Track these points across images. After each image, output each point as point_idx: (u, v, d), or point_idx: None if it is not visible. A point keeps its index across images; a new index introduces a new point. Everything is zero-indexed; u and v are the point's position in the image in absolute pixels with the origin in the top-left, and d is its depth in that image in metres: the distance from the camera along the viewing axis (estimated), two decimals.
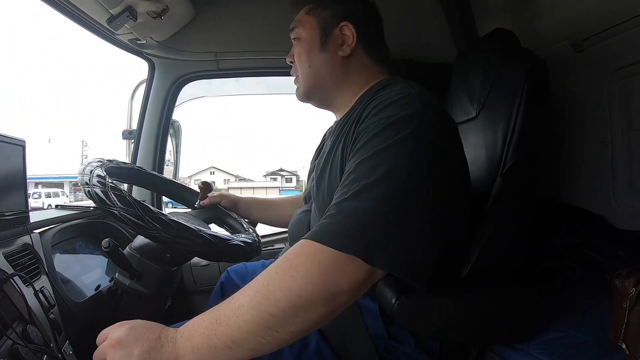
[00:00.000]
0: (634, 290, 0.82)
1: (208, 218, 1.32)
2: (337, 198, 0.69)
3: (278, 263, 0.64)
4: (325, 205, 0.76)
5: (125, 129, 1.73)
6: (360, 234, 0.63)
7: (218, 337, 0.61)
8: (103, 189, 0.92)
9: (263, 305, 0.60)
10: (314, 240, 0.64)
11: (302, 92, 0.98)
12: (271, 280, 0.62)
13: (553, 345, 0.88)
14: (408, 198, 0.67)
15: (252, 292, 0.63)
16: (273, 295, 0.61)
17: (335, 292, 0.61)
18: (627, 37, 1.18)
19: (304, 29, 0.94)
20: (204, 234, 0.96)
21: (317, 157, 1.09)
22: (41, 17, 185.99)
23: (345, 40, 0.91)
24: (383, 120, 0.72)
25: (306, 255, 0.63)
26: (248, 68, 1.76)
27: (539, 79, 0.93)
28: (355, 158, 0.72)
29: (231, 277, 1.25)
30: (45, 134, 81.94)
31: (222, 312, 0.63)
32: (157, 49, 1.59)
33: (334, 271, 0.61)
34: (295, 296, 0.60)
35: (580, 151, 1.43)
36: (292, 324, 0.61)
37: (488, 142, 0.99)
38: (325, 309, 0.62)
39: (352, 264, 0.62)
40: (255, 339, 0.61)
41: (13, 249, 0.94)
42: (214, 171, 45.59)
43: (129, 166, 1.25)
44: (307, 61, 0.94)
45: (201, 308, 1.76)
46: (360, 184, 0.67)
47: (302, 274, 0.61)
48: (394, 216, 0.65)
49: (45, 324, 0.87)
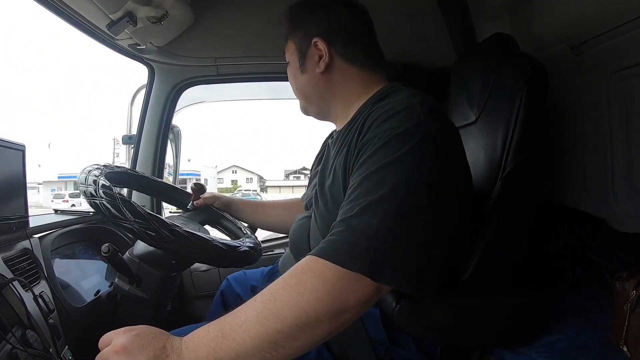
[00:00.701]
0: (634, 293, 0.82)
1: (203, 220, 1.32)
2: (343, 214, 0.69)
3: (285, 279, 0.64)
4: (328, 214, 0.77)
5: (125, 134, 1.74)
6: (367, 251, 0.63)
7: (223, 350, 0.61)
8: (112, 202, 0.90)
9: (270, 321, 0.61)
10: (320, 257, 0.64)
11: (301, 108, 1.03)
12: (278, 296, 0.62)
13: (554, 348, 0.87)
14: (413, 213, 0.67)
15: (258, 306, 0.63)
16: (280, 311, 0.61)
17: (341, 309, 0.62)
18: (626, 39, 1.18)
19: (288, 54, 0.98)
20: (218, 244, 0.98)
21: (318, 165, 1.09)
22: (41, 17, 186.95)
23: (321, 56, 0.91)
24: (386, 132, 0.71)
25: (313, 273, 0.63)
26: (248, 73, 1.76)
27: (538, 83, 0.93)
28: (359, 172, 0.71)
29: (231, 285, 1.25)
30: (49, 134, 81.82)
31: (227, 325, 0.63)
32: (157, 54, 1.60)
33: (341, 289, 0.62)
34: (302, 313, 0.60)
35: (580, 154, 1.43)
36: (297, 340, 0.62)
37: (488, 146, 0.99)
38: (331, 326, 0.62)
39: (359, 282, 0.62)
40: (260, 353, 0.61)
41: (12, 253, 0.94)
42: (236, 170, 45.20)
43: (122, 170, 1.24)
44: (294, 84, 0.99)
45: (201, 313, 1.77)
46: (366, 200, 0.67)
47: (309, 291, 0.61)
48: (399, 232, 0.65)
49: (45, 329, 0.87)
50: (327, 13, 0.93)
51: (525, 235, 0.95)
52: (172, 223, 0.93)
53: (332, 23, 0.92)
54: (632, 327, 0.82)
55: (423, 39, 1.65)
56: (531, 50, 1.12)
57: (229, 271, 1.44)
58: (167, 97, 1.69)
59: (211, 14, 1.56)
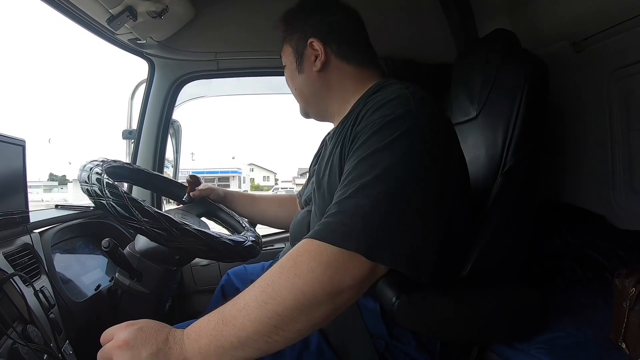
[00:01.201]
0: (634, 290, 0.82)
1: (200, 213, 1.32)
2: (338, 197, 0.70)
3: (282, 262, 0.65)
4: (326, 206, 0.77)
5: (125, 128, 1.73)
6: (361, 231, 0.64)
7: (225, 337, 0.61)
8: (120, 202, 0.89)
9: (269, 304, 0.61)
10: (316, 238, 0.64)
11: (301, 111, 1.06)
12: (275, 279, 0.63)
13: (553, 344, 0.88)
14: (406, 194, 0.68)
15: (257, 291, 0.63)
16: (278, 293, 0.61)
17: (339, 289, 0.62)
18: (627, 36, 1.18)
19: (285, 57, 1.02)
20: (226, 240, 0.98)
21: (317, 162, 1.10)
22: (41, 13, 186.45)
23: (317, 56, 0.94)
24: (378, 120, 0.73)
25: (309, 254, 0.63)
26: (248, 68, 1.76)
27: (539, 79, 0.93)
28: (353, 158, 0.73)
29: (231, 280, 1.25)
30: (50, 129, 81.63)
31: (227, 312, 0.63)
32: (157, 48, 1.59)
33: (337, 268, 0.62)
34: (300, 294, 0.61)
35: (580, 151, 1.43)
36: (297, 322, 0.62)
37: (488, 143, 0.99)
38: (329, 306, 0.63)
39: (355, 261, 0.63)
40: (262, 338, 0.61)
41: (13, 248, 0.94)
42: (253, 168, 44.82)
43: (119, 164, 1.23)
44: (293, 85, 1.01)
45: (201, 308, 1.77)
46: (359, 182, 0.68)
47: (305, 272, 0.61)
48: (392, 212, 0.66)
49: (45, 324, 0.87)
50: (322, 15, 0.96)
51: (526, 233, 0.95)
52: (182, 222, 0.93)
53: (326, 24, 0.95)
54: (631, 325, 0.82)
55: (424, 35, 1.65)
56: (532, 47, 1.12)
57: (229, 266, 1.44)
58: (168, 91, 1.69)
59: (211, 9, 1.56)
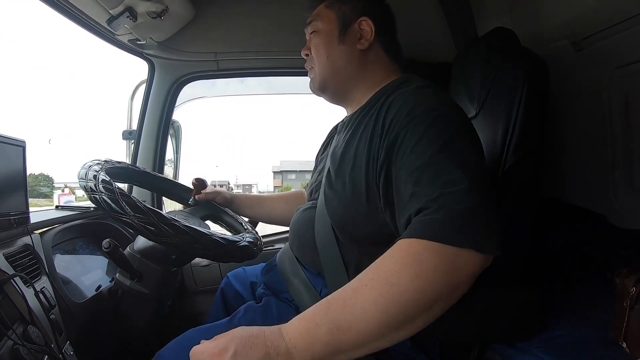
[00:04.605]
0: (634, 289, 0.82)
1: (204, 216, 1.32)
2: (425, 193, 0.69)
3: (391, 263, 0.64)
4: (346, 195, 0.80)
5: (125, 129, 1.73)
6: (470, 227, 0.65)
7: (343, 342, 0.62)
8: (111, 196, 0.90)
9: (392, 307, 0.62)
10: (428, 239, 0.64)
11: (317, 83, 1.01)
12: (393, 280, 0.62)
13: (554, 343, 0.88)
14: (485, 184, 0.71)
15: (373, 295, 0.62)
16: (402, 296, 0.62)
17: (457, 285, 0.64)
18: (627, 36, 1.18)
19: (322, 22, 0.98)
20: (217, 238, 0.97)
21: (324, 151, 1.10)
22: (41, 13, 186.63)
23: (364, 35, 0.95)
24: (424, 115, 0.75)
25: (428, 253, 0.64)
26: (248, 68, 1.76)
27: (539, 78, 0.93)
28: (414, 155, 0.72)
29: (230, 282, 1.25)
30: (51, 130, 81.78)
31: (339, 317, 0.63)
32: (157, 49, 1.59)
33: (457, 266, 0.63)
34: (422, 294, 0.62)
35: (580, 150, 1.43)
36: (418, 320, 0.64)
37: (488, 141, 0.99)
38: (447, 302, 0.65)
39: (470, 257, 0.64)
40: (384, 338, 0.63)
41: (14, 249, 0.94)
42: None
43: (123, 165, 1.24)
44: (325, 52, 0.97)
45: (202, 308, 1.76)
46: (444, 178, 0.68)
47: (427, 272, 0.62)
48: (484, 204, 0.67)
49: (46, 325, 0.87)
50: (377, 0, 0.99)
51: (526, 231, 0.95)
52: (172, 218, 0.93)
53: (380, 9, 0.98)
54: (631, 324, 0.82)
55: (424, 33, 1.65)
56: (532, 46, 1.11)
57: (230, 267, 1.44)
58: (168, 92, 1.68)
59: (211, 9, 1.56)
